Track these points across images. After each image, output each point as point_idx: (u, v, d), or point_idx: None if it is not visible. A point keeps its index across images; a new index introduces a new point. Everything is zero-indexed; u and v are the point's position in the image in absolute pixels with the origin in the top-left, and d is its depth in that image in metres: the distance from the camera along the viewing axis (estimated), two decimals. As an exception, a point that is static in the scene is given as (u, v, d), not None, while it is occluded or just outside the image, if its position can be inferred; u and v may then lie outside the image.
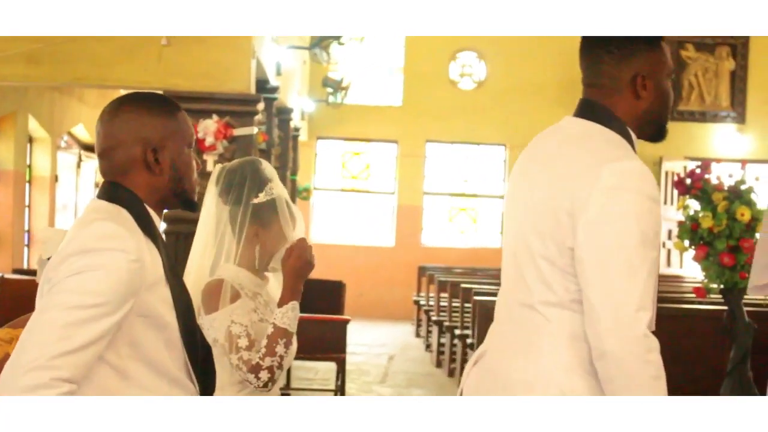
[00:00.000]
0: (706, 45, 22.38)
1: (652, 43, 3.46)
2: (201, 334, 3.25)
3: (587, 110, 3.51)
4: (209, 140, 9.85)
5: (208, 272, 4.19)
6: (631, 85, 3.44)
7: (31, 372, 2.74)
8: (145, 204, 3.13)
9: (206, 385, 3.23)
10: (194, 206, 3.31)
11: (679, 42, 22.17)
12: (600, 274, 3.16)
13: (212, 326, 4.00)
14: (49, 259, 4.52)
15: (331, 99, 19.72)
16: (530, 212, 3.40)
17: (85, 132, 17.31)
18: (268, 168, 4.28)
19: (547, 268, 3.31)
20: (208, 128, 9.86)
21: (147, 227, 3.08)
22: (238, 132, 10.05)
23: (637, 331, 3.12)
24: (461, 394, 3.66)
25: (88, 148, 17.89)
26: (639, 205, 3.18)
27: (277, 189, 4.22)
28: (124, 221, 3.03)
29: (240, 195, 4.18)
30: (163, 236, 3.20)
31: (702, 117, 22.30)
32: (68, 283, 2.87)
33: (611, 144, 3.37)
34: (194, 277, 4.19)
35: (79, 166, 17.61)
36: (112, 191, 3.14)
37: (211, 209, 4.26)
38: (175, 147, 3.19)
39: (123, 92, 12.56)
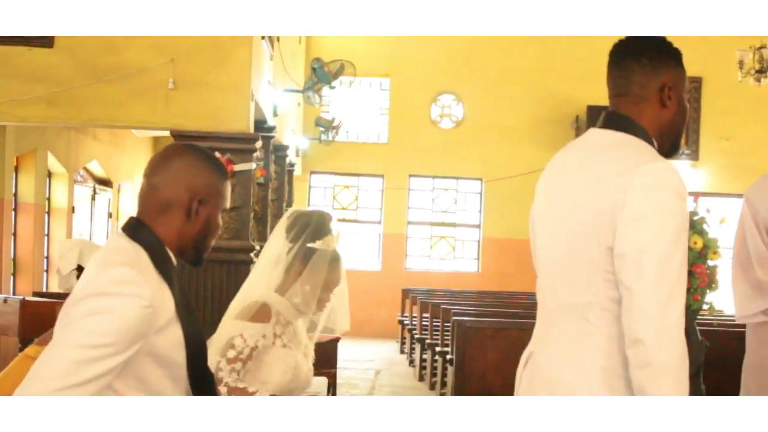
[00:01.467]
0: (663, 88, 22.42)
1: (677, 58, 3.48)
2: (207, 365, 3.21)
3: (613, 121, 3.47)
4: (212, 175, 9.88)
5: (256, 293, 4.20)
6: (659, 94, 3.43)
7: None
8: (165, 246, 3.09)
9: None
10: (201, 263, 3.26)
11: (639, 85, 22.22)
12: (637, 267, 3.13)
13: (227, 328, 4.03)
14: (74, 271, 4.53)
15: (323, 137, 19.77)
16: (570, 218, 3.37)
17: (99, 167, 17.32)
18: (334, 225, 4.34)
19: (589, 270, 3.28)
20: (211, 164, 9.90)
21: (163, 268, 3.03)
22: (238, 167, 10.09)
23: (670, 320, 3.10)
24: (516, 394, 3.62)
25: (102, 181, 17.91)
26: (672, 203, 3.17)
27: (332, 245, 4.26)
28: (141, 264, 2.98)
29: (300, 235, 4.22)
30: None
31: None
32: (82, 322, 2.83)
33: (641, 149, 3.35)
34: (243, 294, 4.24)
35: (93, 198, 17.60)
36: (136, 230, 3.10)
37: (276, 242, 4.30)
38: (215, 206, 3.17)
39: (134, 132, 12.71)
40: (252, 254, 10.31)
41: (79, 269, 4.48)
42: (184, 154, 3.16)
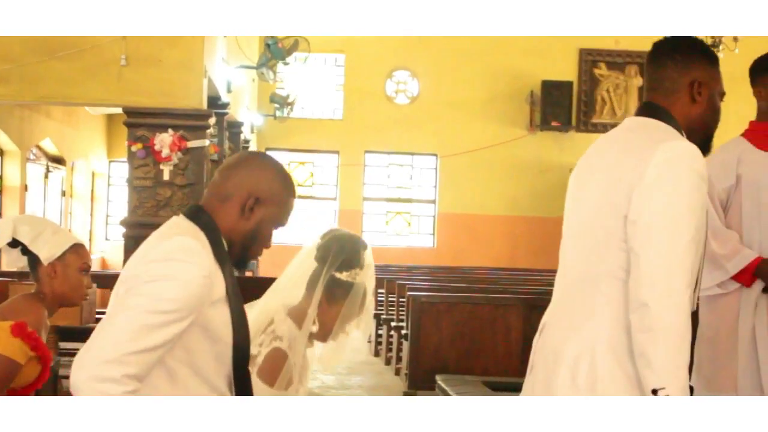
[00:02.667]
0: (617, 64, 22.58)
1: (711, 59, 3.62)
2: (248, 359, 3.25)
3: (647, 109, 3.61)
4: (165, 152, 9.86)
5: (274, 307, 3.96)
6: (689, 89, 3.57)
7: (104, 364, 2.77)
8: (220, 233, 3.16)
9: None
10: (243, 266, 3.33)
11: (593, 61, 22.35)
12: (648, 234, 3.24)
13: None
14: (10, 244, 4.43)
15: (278, 114, 19.69)
16: (593, 190, 3.50)
17: (52, 145, 17.17)
18: (368, 256, 4.10)
19: (605, 240, 3.39)
20: (164, 141, 9.87)
21: (218, 253, 3.09)
22: (191, 144, 10.06)
23: (676, 287, 3.19)
24: (532, 365, 3.68)
25: (55, 159, 17.76)
26: (689, 179, 3.28)
27: (361, 278, 4.02)
28: (200, 240, 3.06)
29: (328, 260, 3.97)
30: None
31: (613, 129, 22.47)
32: (147, 288, 2.90)
33: (668, 130, 3.48)
34: (262, 304, 4.00)
35: (46, 176, 17.46)
36: (197, 214, 3.17)
37: (304, 258, 4.08)
38: (270, 213, 3.22)
39: (87, 109, 12.65)
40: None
41: (15, 244, 4.38)
42: (262, 160, 3.29)
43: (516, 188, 22.17)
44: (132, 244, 9.90)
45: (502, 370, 10.50)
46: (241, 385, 3.18)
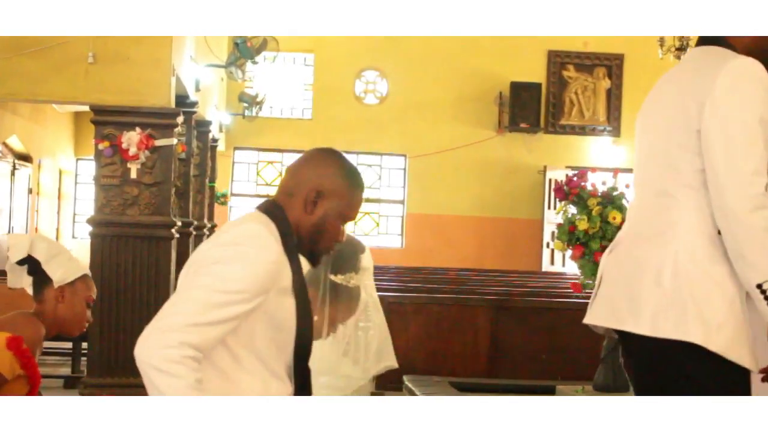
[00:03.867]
0: (585, 66, 22.64)
1: None
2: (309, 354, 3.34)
3: (707, 40, 3.74)
4: (132, 150, 9.81)
5: None
6: None
7: (166, 333, 2.91)
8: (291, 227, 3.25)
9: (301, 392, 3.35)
10: (315, 263, 3.39)
11: (562, 63, 22.41)
12: (723, 144, 3.39)
13: None
14: (19, 262, 4.33)
15: (246, 113, 19.65)
16: (665, 108, 3.66)
17: (19, 142, 17.07)
18: (366, 260, 4.19)
19: (678, 153, 3.55)
20: (131, 139, 9.82)
21: (288, 244, 3.19)
22: (159, 143, 10.01)
23: (755, 190, 3.34)
24: (599, 280, 3.84)
25: (22, 157, 17.65)
26: (758, 92, 3.44)
27: (356, 282, 4.12)
28: (271, 229, 3.15)
29: (326, 262, 4.02)
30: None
31: (581, 130, 22.56)
32: (215, 268, 3.02)
33: (731, 53, 3.60)
34: None
35: (13, 173, 17.36)
36: (271, 207, 3.28)
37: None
38: (334, 207, 3.31)
39: (55, 106, 12.54)
40: (173, 230, 10.22)
41: (29, 260, 4.29)
42: (326, 155, 3.42)
43: (484, 189, 22.21)
44: (99, 242, 9.85)
45: (470, 371, 10.49)
46: (301, 378, 3.32)
